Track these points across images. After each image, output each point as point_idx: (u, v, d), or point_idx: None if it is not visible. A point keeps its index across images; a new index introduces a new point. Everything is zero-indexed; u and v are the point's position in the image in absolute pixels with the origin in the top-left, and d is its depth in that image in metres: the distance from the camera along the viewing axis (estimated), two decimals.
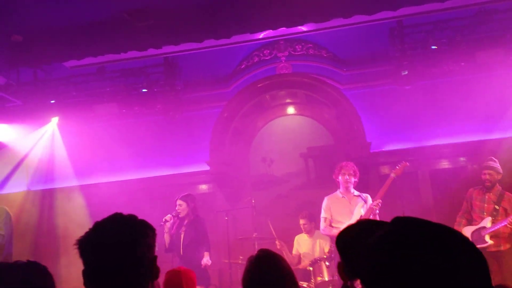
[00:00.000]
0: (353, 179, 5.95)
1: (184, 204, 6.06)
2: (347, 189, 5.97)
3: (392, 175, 5.92)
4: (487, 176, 5.89)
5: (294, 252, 6.65)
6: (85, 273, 1.66)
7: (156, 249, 1.78)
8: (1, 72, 6.74)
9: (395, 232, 1.02)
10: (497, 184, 5.91)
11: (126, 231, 1.66)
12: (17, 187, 8.00)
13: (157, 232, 1.80)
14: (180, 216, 6.06)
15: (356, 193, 6.01)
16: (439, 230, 1.00)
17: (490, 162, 5.97)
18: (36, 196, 7.98)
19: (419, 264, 0.93)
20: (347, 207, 5.91)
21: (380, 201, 5.68)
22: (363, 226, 1.95)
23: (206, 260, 5.94)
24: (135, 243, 1.66)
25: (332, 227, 5.95)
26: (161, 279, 2.76)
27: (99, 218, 1.71)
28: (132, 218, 1.71)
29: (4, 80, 6.84)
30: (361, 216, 5.60)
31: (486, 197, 5.90)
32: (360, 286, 1.84)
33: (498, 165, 5.93)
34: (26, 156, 7.72)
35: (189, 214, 6.06)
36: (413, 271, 0.93)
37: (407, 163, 6.02)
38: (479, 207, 5.92)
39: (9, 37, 6.49)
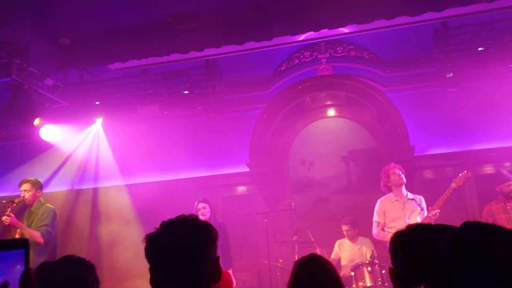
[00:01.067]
0: (403, 175, 5.83)
1: (208, 207, 6.04)
2: (400, 190, 5.83)
3: (453, 185, 5.73)
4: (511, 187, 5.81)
5: (333, 256, 6.57)
6: (151, 270, 1.69)
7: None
8: (49, 74, 6.97)
9: (467, 237, 1.00)
10: None
11: (191, 231, 1.68)
12: (62, 186, 8.25)
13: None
14: (205, 218, 5.95)
15: (410, 195, 5.86)
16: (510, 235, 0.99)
17: (506, 173, 5.95)
18: (80, 195, 8.20)
19: (493, 269, 0.92)
20: (401, 211, 5.76)
21: (439, 211, 5.51)
22: (426, 230, 1.87)
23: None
24: (200, 244, 1.68)
25: (385, 231, 5.83)
26: None
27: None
28: (196, 220, 1.74)
29: (52, 82, 7.07)
30: None
31: (508, 207, 5.78)
32: None
33: None
34: (71, 155, 7.94)
35: (212, 217, 6.01)
36: (487, 276, 0.92)
37: (469, 173, 5.85)
38: (506, 219, 5.76)
39: (58, 40, 6.72)
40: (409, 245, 1.82)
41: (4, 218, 5.37)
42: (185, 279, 1.63)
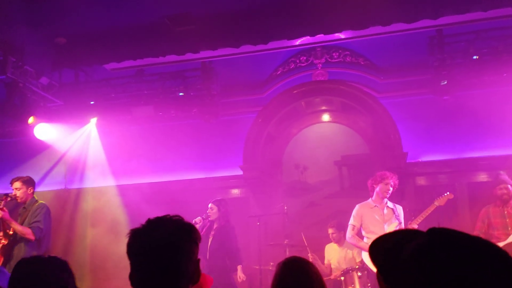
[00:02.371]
0: (390, 191, 5.85)
1: (215, 208, 6.11)
2: (382, 199, 5.86)
3: (436, 203, 5.79)
4: (504, 191, 5.84)
5: (326, 262, 6.59)
6: (131, 266, 1.70)
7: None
8: (44, 73, 6.96)
9: (430, 243, 1.00)
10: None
11: (174, 233, 1.69)
12: (55, 185, 8.22)
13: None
14: (210, 219, 6.09)
15: (390, 204, 5.87)
16: (474, 242, 0.98)
17: (503, 177, 5.94)
18: (72, 194, 8.18)
19: (453, 276, 0.91)
20: (379, 217, 5.79)
21: (416, 226, 5.54)
22: (399, 236, 1.90)
23: (240, 275, 6.02)
24: (182, 244, 1.69)
25: (361, 236, 5.87)
26: None
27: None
28: (180, 221, 1.75)
29: (47, 81, 7.06)
30: None
31: (505, 212, 5.81)
32: None
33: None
34: (65, 154, 7.93)
35: (220, 219, 6.08)
36: (447, 283, 0.91)
37: (452, 195, 5.90)
38: (501, 224, 5.78)
39: (53, 39, 6.72)
40: (380, 252, 1.84)
41: None
42: (163, 277, 1.64)
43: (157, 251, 1.65)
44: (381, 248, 1.88)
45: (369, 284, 5.70)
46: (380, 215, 5.80)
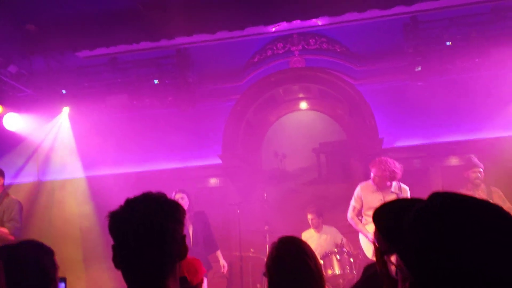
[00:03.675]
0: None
1: (186, 197, 6.03)
2: (385, 182, 5.77)
3: None
4: (478, 174, 5.92)
5: None
6: (113, 248, 1.65)
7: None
8: (13, 61, 6.73)
9: (433, 206, 1.00)
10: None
11: (155, 208, 1.63)
12: (28, 177, 7.98)
13: None
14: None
15: (394, 188, 5.73)
16: (477, 204, 0.98)
17: (475, 160, 6.02)
18: (46, 187, 7.96)
19: (456, 238, 0.91)
20: (378, 202, 5.67)
21: None
22: (403, 203, 1.90)
23: (223, 262, 6.11)
24: (164, 221, 1.63)
25: (360, 218, 5.87)
26: None
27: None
28: (162, 197, 1.69)
29: (15, 69, 6.82)
30: None
31: (477, 196, 5.87)
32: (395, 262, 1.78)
33: None
34: (37, 146, 7.69)
35: (190, 207, 6.01)
36: (451, 245, 0.91)
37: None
38: None
39: (23, 26, 6.48)
40: (384, 218, 1.83)
41: None
42: (147, 258, 1.59)
43: (138, 234, 1.59)
44: (386, 213, 1.88)
45: (347, 267, 5.76)
46: (380, 200, 5.57)
